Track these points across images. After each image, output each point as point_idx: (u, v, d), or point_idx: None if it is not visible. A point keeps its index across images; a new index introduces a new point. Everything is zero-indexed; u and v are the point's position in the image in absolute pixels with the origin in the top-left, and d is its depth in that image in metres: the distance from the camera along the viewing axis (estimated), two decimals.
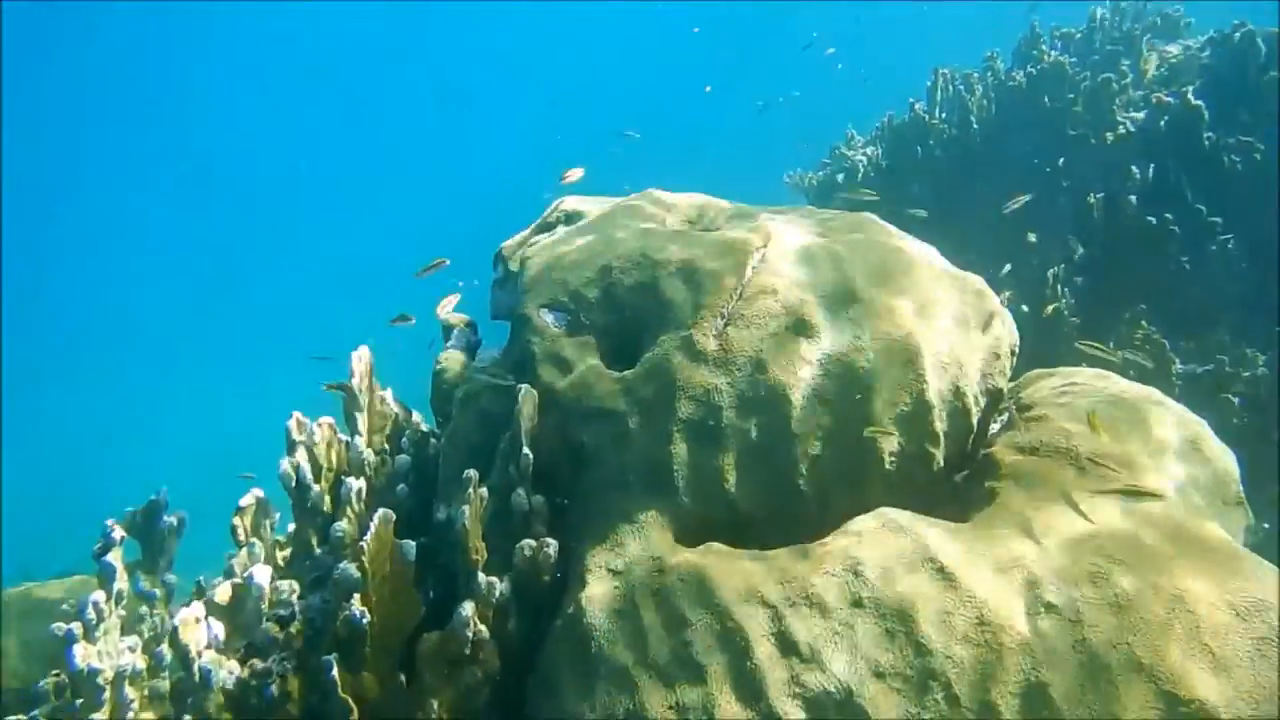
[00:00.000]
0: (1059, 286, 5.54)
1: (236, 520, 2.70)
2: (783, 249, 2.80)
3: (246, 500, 2.74)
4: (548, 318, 2.80)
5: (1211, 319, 5.27)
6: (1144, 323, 5.19)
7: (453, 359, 3.02)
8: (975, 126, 6.42)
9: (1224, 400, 4.72)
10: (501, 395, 2.63)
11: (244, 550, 2.70)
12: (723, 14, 29.22)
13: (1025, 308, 5.22)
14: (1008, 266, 5.72)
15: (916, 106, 7.04)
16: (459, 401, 2.76)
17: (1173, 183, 5.35)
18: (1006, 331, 2.82)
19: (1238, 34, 5.59)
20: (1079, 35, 6.68)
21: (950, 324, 2.62)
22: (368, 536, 2.16)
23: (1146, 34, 6.56)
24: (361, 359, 2.79)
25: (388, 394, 2.92)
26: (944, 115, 6.98)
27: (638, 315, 2.80)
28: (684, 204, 3.21)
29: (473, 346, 3.25)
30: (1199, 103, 5.30)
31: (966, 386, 2.57)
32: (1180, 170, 5.38)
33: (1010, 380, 2.88)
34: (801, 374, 2.44)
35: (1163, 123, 5.49)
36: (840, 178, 7.24)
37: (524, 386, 2.53)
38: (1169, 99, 5.46)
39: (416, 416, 3.06)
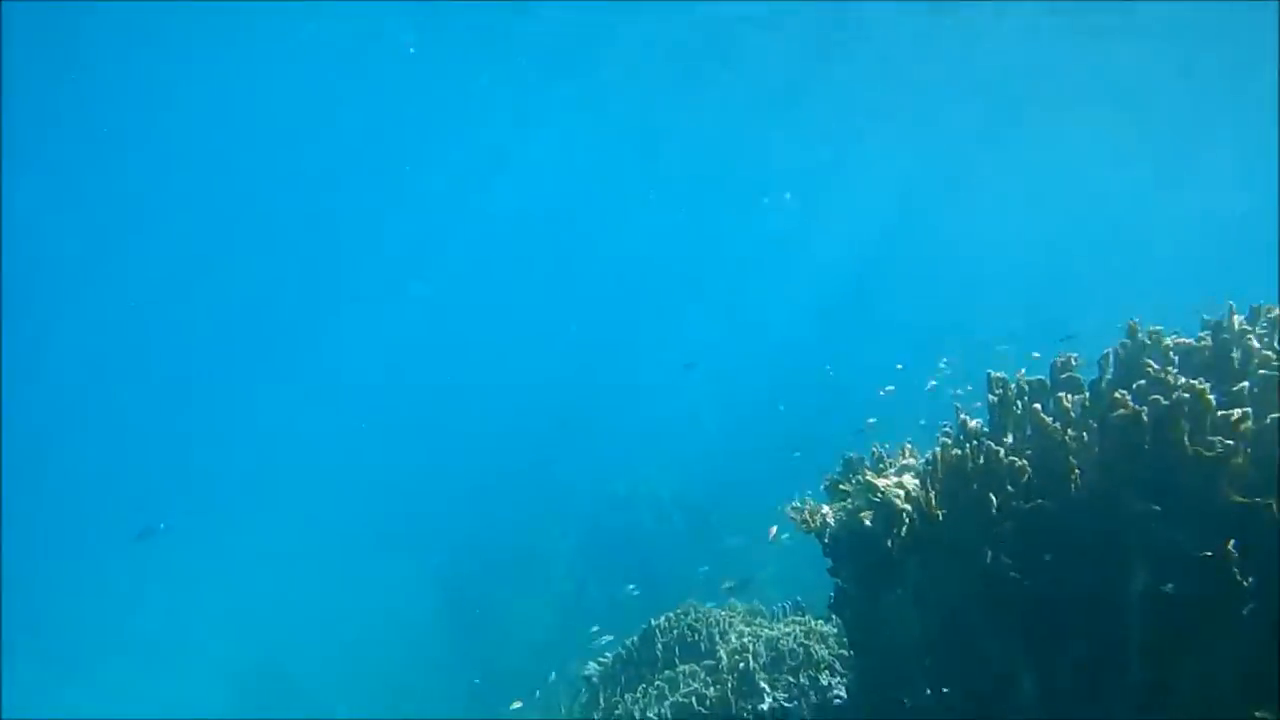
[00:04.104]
0: None
1: None
2: None
3: None
4: None
5: None
6: None
7: None
8: (1077, 474, 4.33)
9: None
10: None
11: None
12: None
13: None
14: None
15: (971, 426, 5.00)
16: None
17: None
18: None
19: None
20: (1203, 347, 4.74)
21: None
22: None
23: None
24: None
25: None
26: (1011, 441, 4.93)
27: None
28: None
29: None
30: None
31: None
32: None
33: None
34: None
35: None
36: (868, 520, 5.06)
37: None
38: None
39: None
